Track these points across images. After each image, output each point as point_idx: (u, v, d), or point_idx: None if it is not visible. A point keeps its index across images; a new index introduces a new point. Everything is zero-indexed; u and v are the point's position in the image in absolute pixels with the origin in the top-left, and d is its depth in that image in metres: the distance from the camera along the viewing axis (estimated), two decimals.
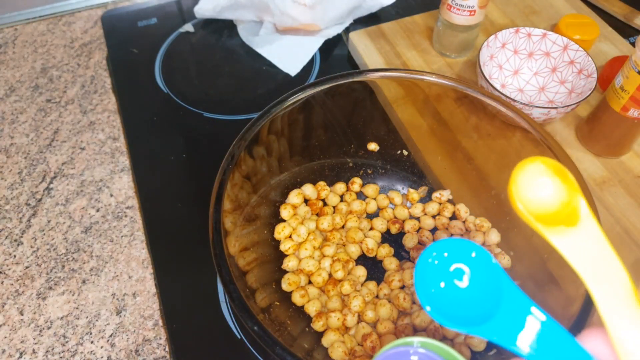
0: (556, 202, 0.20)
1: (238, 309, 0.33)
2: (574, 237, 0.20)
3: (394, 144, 0.51)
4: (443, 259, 0.22)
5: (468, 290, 0.21)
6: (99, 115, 0.60)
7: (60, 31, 0.70)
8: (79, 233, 0.50)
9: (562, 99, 0.55)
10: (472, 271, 0.21)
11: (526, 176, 0.20)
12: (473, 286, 0.21)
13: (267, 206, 0.47)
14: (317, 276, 0.44)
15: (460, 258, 0.21)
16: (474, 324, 0.20)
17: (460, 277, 0.21)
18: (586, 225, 0.20)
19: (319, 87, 0.45)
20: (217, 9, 0.67)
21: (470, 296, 0.21)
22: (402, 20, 0.68)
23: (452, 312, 0.21)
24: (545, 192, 0.20)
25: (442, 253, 0.22)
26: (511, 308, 0.20)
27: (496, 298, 0.21)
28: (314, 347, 0.40)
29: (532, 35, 0.57)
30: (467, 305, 0.21)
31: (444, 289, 0.21)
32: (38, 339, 0.44)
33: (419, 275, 0.21)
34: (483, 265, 0.21)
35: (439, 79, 0.45)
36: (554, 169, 0.20)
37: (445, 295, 0.21)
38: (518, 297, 0.21)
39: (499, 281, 0.21)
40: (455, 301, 0.21)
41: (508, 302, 0.20)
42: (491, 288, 0.21)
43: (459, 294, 0.21)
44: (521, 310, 0.20)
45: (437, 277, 0.21)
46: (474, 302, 0.21)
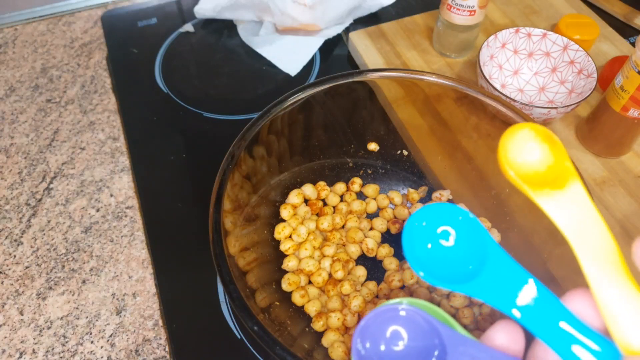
0: (544, 166, 0.21)
1: (238, 309, 0.33)
2: (561, 200, 0.20)
3: (394, 144, 0.51)
4: (429, 222, 0.22)
5: (454, 251, 0.22)
6: (99, 115, 0.60)
7: (60, 31, 0.70)
8: (79, 233, 0.50)
9: (562, 99, 0.55)
10: (458, 232, 0.22)
11: (515, 141, 0.21)
12: (459, 247, 0.22)
13: (267, 206, 0.47)
14: (317, 276, 0.44)
15: (446, 221, 0.22)
16: (461, 282, 0.21)
17: (446, 238, 0.22)
18: (573, 188, 0.20)
19: (319, 87, 0.45)
20: (217, 9, 0.67)
21: (457, 256, 0.22)
22: (402, 20, 0.68)
23: (440, 272, 0.21)
24: (533, 156, 0.21)
25: (428, 217, 0.22)
26: (495, 267, 0.21)
27: (481, 258, 0.21)
28: (314, 347, 0.40)
29: (532, 35, 0.57)
30: (454, 265, 0.22)
31: (432, 250, 0.22)
32: (38, 339, 0.44)
33: (407, 239, 0.22)
34: (468, 227, 0.22)
35: (439, 79, 0.45)
36: (542, 135, 0.21)
37: (433, 257, 0.22)
38: (501, 257, 0.21)
39: (484, 242, 0.22)
40: (442, 262, 0.22)
41: (492, 262, 0.21)
42: (476, 249, 0.22)
43: (445, 255, 0.22)
44: (505, 269, 0.21)
45: (424, 240, 0.22)
46: (460, 262, 0.22)
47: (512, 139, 0.21)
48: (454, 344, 0.20)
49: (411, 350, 0.21)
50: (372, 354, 0.21)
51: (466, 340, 0.21)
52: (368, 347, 0.21)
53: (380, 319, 0.22)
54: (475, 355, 0.20)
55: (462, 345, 0.21)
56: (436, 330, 0.21)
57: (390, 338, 0.21)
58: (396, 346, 0.21)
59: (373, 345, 0.21)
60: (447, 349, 0.20)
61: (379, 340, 0.21)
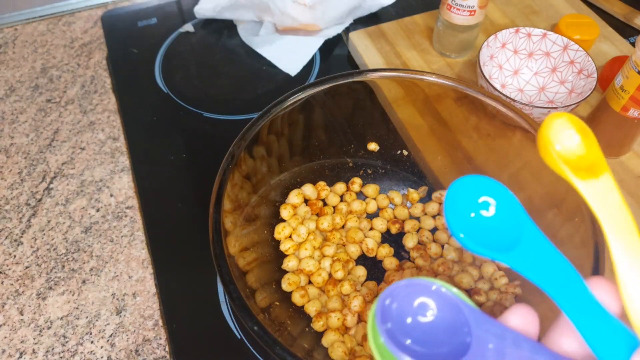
0: (579, 155, 0.22)
1: (238, 309, 0.33)
2: (596, 187, 0.21)
3: (394, 144, 0.51)
4: (472, 190, 0.23)
5: (492, 221, 0.23)
6: (99, 115, 0.60)
7: (60, 31, 0.70)
8: (79, 233, 0.50)
9: (562, 99, 0.55)
10: (498, 204, 0.23)
11: (555, 127, 0.22)
12: (497, 218, 0.23)
13: (267, 206, 0.47)
14: (317, 276, 0.44)
15: (486, 192, 0.23)
16: (499, 251, 0.22)
17: (486, 209, 0.23)
18: (605, 179, 0.22)
19: (319, 87, 0.45)
20: (217, 9, 0.67)
21: (495, 227, 0.23)
22: (402, 20, 0.68)
23: (479, 240, 0.22)
24: (571, 144, 0.22)
25: (469, 186, 0.23)
26: (530, 243, 0.22)
27: (517, 233, 0.22)
28: (314, 347, 0.40)
29: (532, 35, 0.57)
30: (492, 235, 0.22)
31: (472, 218, 0.23)
32: (38, 339, 0.44)
33: (448, 207, 0.23)
34: (506, 200, 0.23)
35: (439, 79, 0.45)
36: (578, 126, 0.22)
37: (473, 225, 0.23)
38: (536, 234, 0.22)
39: (520, 217, 0.22)
40: (481, 230, 0.22)
41: (527, 237, 0.22)
42: (513, 222, 0.22)
43: (485, 224, 0.23)
44: (538, 246, 0.22)
45: (466, 207, 0.23)
46: (498, 232, 0.22)
47: (554, 125, 0.22)
48: (479, 322, 0.21)
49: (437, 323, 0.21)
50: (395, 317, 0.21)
51: (489, 319, 0.21)
52: (394, 308, 0.21)
53: (407, 291, 0.22)
54: (500, 334, 0.21)
55: (486, 324, 0.21)
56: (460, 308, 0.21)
57: (417, 308, 0.22)
58: (424, 317, 0.21)
59: (399, 311, 0.21)
60: (472, 327, 0.21)
61: (406, 308, 0.21)
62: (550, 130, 0.22)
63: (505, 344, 0.20)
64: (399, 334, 0.21)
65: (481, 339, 0.20)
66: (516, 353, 0.20)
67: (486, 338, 0.20)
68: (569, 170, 0.21)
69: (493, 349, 0.20)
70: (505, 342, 0.20)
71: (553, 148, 0.22)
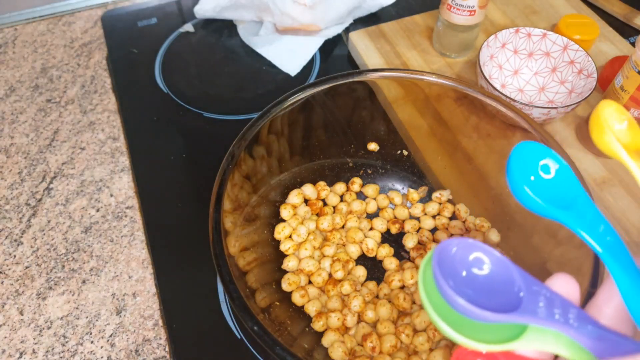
0: (630, 139, 0.23)
1: (238, 309, 0.33)
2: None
3: (394, 144, 0.51)
4: (533, 154, 0.24)
5: (552, 183, 0.24)
6: (99, 115, 0.60)
7: (60, 31, 0.70)
8: (79, 233, 0.50)
9: (562, 99, 0.55)
10: (557, 170, 0.24)
11: (608, 112, 0.23)
12: (556, 182, 0.24)
13: (267, 206, 0.47)
14: (317, 276, 0.44)
15: (548, 156, 0.24)
16: (558, 208, 0.23)
17: (547, 172, 0.24)
18: None
19: (319, 87, 0.45)
20: (217, 9, 0.67)
21: (553, 190, 0.24)
22: (402, 20, 0.68)
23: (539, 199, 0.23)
24: (622, 127, 0.23)
25: (532, 150, 0.24)
26: (583, 208, 0.23)
27: (572, 198, 0.23)
28: (314, 347, 0.40)
29: (532, 35, 0.57)
30: (552, 195, 0.23)
31: (533, 181, 0.24)
32: (38, 339, 0.44)
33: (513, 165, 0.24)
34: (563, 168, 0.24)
35: (439, 79, 0.45)
36: (625, 113, 0.23)
37: (535, 186, 0.24)
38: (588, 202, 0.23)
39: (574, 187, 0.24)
40: (543, 191, 0.23)
41: (581, 203, 0.23)
42: (569, 190, 0.24)
43: (544, 186, 0.24)
44: (591, 212, 0.23)
45: (528, 169, 0.24)
46: (556, 195, 0.24)
47: (607, 110, 0.23)
48: (529, 283, 0.22)
49: (490, 277, 0.22)
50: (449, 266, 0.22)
51: (539, 282, 0.22)
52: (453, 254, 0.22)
53: (465, 245, 0.22)
54: (549, 296, 0.21)
55: (536, 286, 0.22)
56: (512, 269, 0.22)
57: (473, 261, 0.22)
58: (480, 270, 0.22)
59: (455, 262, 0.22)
60: (524, 286, 0.21)
61: (463, 260, 0.22)
62: (604, 114, 0.23)
63: (554, 304, 0.21)
64: (454, 282, 0.21)
65: (532, 297, 0.21)
66: (563, 314, 0.21)
67: (537, 297, 0.21)
68: (625, 151, 0.22)
69: (543, 307, 0.21)
70: (554, 303, 0.21)
71: (611, 129, 0.23)
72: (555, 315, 0.21)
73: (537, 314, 0.21)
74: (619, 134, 0.23)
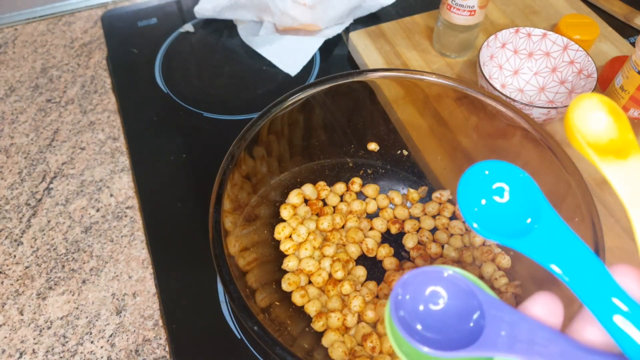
0: (608, 136, 0.21)
1: (238, 309, 0.33)
2: (623, 170, 0.21)
3: (394, 144, 0.51)
4: (485, 177, 0.23)
5: (507, 207, 0.22)
6: (99, 115, 0.60)
7: (60, 31, 0.70)
8: (79, 233, 0.50)
9: (562, 99, 0.55)
10: (512, 190, 0.22)
11: (583, 109, 0.21)
12: (512, 204, 0.22)
13: (267, 206, 0.47)
14: (317, 276, 0.44)
15: (501, 178, 0.23)
16: (513, 237, 0.21)
17: (501, 195, 0.22)
18: (635, 161, 0.21)
19: (319, 87, 0.45)
20: (217, 9, 0.67)
21: (510, 213, 0.22)
22: (402, 20, 0.68)
23: (492, 227, 0.22)
24: (599, 126, 0.21)
25: (482, 172, 0.23)
26: (546, 228, 0.21)
27: (534, 218, 0.22)
28: (314, 347, 0.40)
29: (532, 35, 0.57)
30: (506, 221, 0.22)
31: (485, 205, 0.22)
32: (38, 339, 0.44)
33: (462, 193, 0.22)
34: (522, 186, 0.22)
35: (439, 79, 0.45)
36: (608, 106, 0.21)
37: (486, 211, 0.22)
38: (553, 219, 0.22)
39: (537, 202, 0.22)
40: (495, 217, 0.22)
41: (544, 222, 0.22)
42: (529, 208, 0.22)
43: (499, 210, 0.22)
44: (555, 231, 0.21)
45: (479, 194, 0.22)
46: (513, 219, 0.22)
47: (581, 107, 0.21)
48: (493, 309, 0.21)
49: (450, 310, 0.21)
50: (410, 310, 0.21)
51: (505, 307, 0.21)
52: (407, 299, 0.21)
53: (422, 277, 0.22)
54: (515, 322, 0.20)
55: (501, 312, 0.21)
56: (475, 294, 0.21)
57: (429, 297, 0.21)
58: (436, 305, 0.21)
59: (412, 300, 0.21)
60: (486, 313, 0.20)
61: (418, 298, 0.21)
62: (575, 113, 0.21)
63: (518, 331, 0.20)
64: (412, 321, 0.21)
65: (494, 326, 0.20)
66: (528, 341, 0.20)
67: (499, 325, 0.20)
68: (593, 153, 0.21)
69: (505, 336, 0.20)
70: (519, 330, 0.20)
71: (578, 131, 0.21)
72: (517, 344, 0.20)
73: (497, 345, 0.20)
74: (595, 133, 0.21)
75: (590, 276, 0.20)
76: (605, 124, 0.21)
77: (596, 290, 0.20)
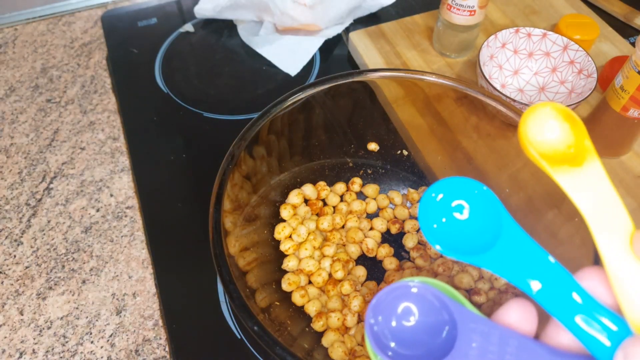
0: (563, 144, 0.21)
1: (238, 309, 0.33)
2: (579, 177, 0.21)
3: (394, 144, 0.51)
4: (445, 195, 0.23)
5: (469, 223, 0.22)
6: (99, 115, 0.60)
7: (60, 31, 0.70)
8: (79, 233, 0.50)
9: (562, 99, 0.55)
10: (473, 205, 0.22)
11: (536, 119, 0.21)
12: (474, 219, 0.22)
13: (267, 206, 0.47)
14: (317, 276, 0.44)
15: (460, 195, 0.23)
16: (476, 254, 0.21)
17: (460, 212, 0.23)
18: (591, 166, 0.21)
19: (319, 87, 0.45)
20: (217, 9, 0.67)
21: (472, 229, 0.22)
22: (402, 20, 0.68)
23: (455, 244, 0.22)
24: (553, 134, 0.21)
25: (443, 190, 0.23)
26: (510, 241, 0.21)
27: (496, 231, 0.22)
28: (314, 347, 0.40)
29: (532, 35, 0.57)
30: (469, 238, 0.22)
31: (447, 223, 0.22)
32: (38, 339, 0.44)
33: (423, 212, 0.22)
34: (483, 200, 0.22)
35: (439, 79, 0.45)
36: (563, 113, 0.21)
37: (449, 229, 0.22)
38: (515, 230, 0.22)
39: (499, 215, 0.22)
40: (458, 234, 0.22)
41: (507, 235, 0.21)
42: (491, 222, 0.22)
43: (461, 227, 0.22)
44: (519, 243, 0.21)
45: (439, 213, 0.22)
46: (475, 234, 0.22)
47: (533, 117, 0.21)
48: (465, 320, 0.21)
49: (422, 325, 0.21)
50: (384, 328, 0.21)
51: (477, 317, 0.21)
52: (380, 321, 0.21)
53: (391, 295, 0.22)
54: (486, 332, 0.20)
55: (472, 322, 0.21)
56: (447, 306, 0.21)
57: (401, 314, 0.22)
58: (407, 322, 0.21)
59: (385, 321, 0.21)
60: (458, 325, 0.21)
61: (391, 315, 0.22)
62: (527, 124, 0.21)
63: (490, 341, 0.20)
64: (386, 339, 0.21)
65: (465, 338, 0.20)
66: (499, 351, 0.20)
67: (471, 336, 0.20)
68: (547, 164, 0.21)
69: (476, 347, 0.20)
70: (490, 340, 0.20)
71: (529, 142, 0.21)
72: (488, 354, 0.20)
73: (468, 357, 0.20)
74: (549, 142, 0.21)
75: (555, 286, 0.20)
76: (560, 132, 0.21)
77: (563, 300, 0.20)
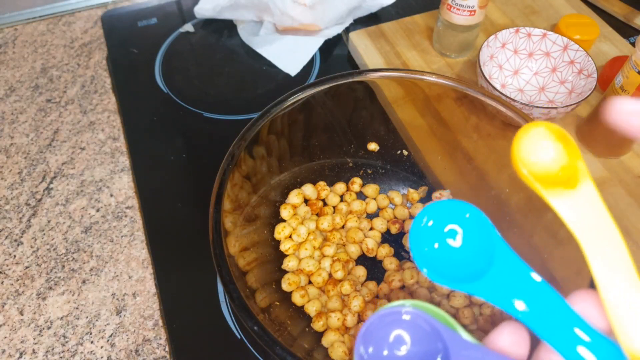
0: (557, 165, 0.21)
1: (238, 309, 0.33)
2: (572, 199, 0.20)
3: (394, 144, 0.51)
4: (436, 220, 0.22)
5: (461, 249, 0.22)
6: (99, 115, 0.60)
7: (60, 31, 0.70)
8: (79, 233, 0.50)
9: (562, 99, 0.55)
10: (465, 230, 0.22)
11: (529, 139, 0.21)
12: (466, 245, 0.22)
13: (267, 206, 0.47)
14: (317, 276, 0.44)
15: (453, 219, 0.22)
16: (468, 281, 0.21)
17: (453, 238, 0.22)
18: (585, 188, 0.20)
19: (319, 87, 0.45)
20: (217, 9, 0.67)
21: (464, 254, 0.22)
22: (402, 20, 0.68)
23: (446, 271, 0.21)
24: (547, 155, 0.20)
25: (435, 215, 0.22)
26: (502, 267, 0.21)
27: (489, 257, 0.21)
28: (314, 347, 0.40)
29: (532, 35, 0.57)
30: (460, 264, 0.21)
31: (438, 249, 0.22)
32: (38, 339, 0.44)
33: (413, 237, 0.22)
34: (476, 224, 0.22)
35: (439, 79, 0.45)
36: (556, 134, 0.21)
37: (439, 255, 0.22)
38: (508, 255, 0.21)
39: (491, 239, 0.21)
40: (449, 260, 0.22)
41: (499, 260, 0.21)
42: (484, 246, 0.21)
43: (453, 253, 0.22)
44: (511, 269, 0.21)
45: (431, 238, 0.22)
46: (467, 260, 0.21)
47: (526, 137, 0.21)
48: (457, 348, 0.20)
49: (414, 354, 0.21)
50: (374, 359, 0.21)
51: (469, 344, 0.21)
52: (371, 352, 0.21)
53: (382, 323, 0.21)
54: (476, 358, 0.20)
55: (465, 350, 0.20)
56: (439, 333, 0.21)
57: (393, 342, 0.21)
58: (399, 351, 0.21)
59: (376, 350, 0.21)
60: (450, 353, 0.20)
61: (382, 344, 0.21)
62: (520, 145, 0.20)
63: None
64: None
65: None
66: None
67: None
68: (540, 186, 0.20)
69: None
70: None
71: (523, 164, 0.20)
72: None
73: None
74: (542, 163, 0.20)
75: (549, 312, 0.20)
76: (553, 153, 0.20)
77: (556, 325, 0.20)
